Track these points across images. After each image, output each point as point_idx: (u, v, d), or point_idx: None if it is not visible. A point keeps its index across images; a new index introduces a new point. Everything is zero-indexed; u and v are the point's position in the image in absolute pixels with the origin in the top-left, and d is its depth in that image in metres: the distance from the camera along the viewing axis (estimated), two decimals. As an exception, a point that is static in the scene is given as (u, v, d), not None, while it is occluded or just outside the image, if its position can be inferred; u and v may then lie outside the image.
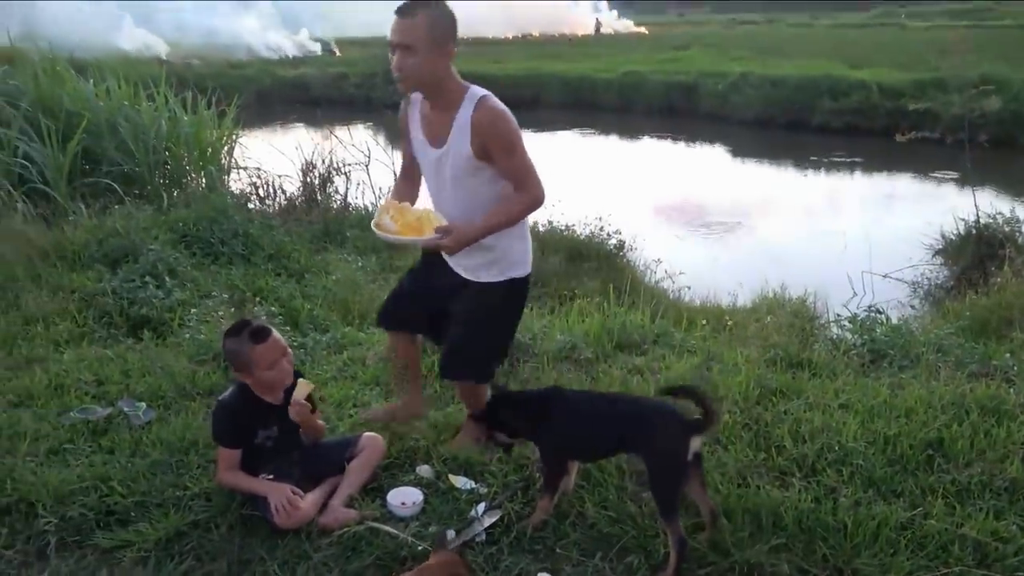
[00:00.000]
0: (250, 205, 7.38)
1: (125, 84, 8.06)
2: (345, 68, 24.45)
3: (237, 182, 8.11)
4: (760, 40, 30.23)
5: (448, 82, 2.59)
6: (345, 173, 7.87)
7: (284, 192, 7.72)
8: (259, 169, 7.91)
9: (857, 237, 7.61)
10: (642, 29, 43.48)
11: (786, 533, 2.47)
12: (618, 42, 33.90)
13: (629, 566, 2.40)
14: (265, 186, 7.73)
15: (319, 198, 7.68)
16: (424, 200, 2.94)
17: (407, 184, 2.93)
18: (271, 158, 7.99)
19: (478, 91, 2.61)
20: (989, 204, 7.54)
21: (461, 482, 2.81)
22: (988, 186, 10.64)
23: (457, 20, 2.56)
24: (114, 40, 23.40)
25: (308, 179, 7.73)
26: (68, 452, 3.02)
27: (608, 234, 7.36)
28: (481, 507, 2.65)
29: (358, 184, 7.94)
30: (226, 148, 8.42)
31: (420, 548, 2.44)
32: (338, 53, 30.75)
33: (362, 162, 7.92)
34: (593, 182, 11.96)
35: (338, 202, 7.76)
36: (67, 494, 2.71)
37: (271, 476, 2.67)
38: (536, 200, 2.65)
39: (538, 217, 7.62)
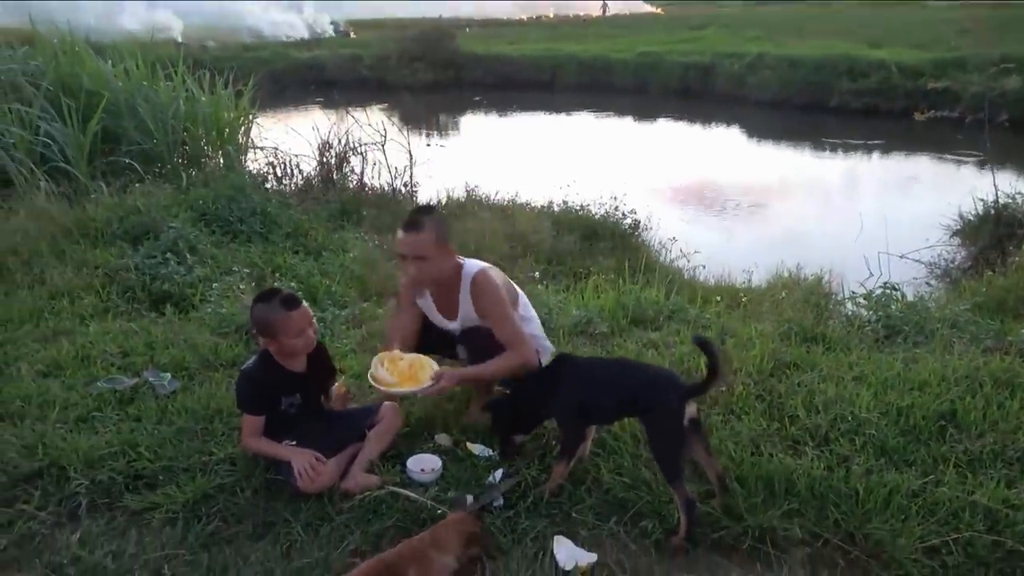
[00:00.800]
0: (268, 185, 7.46)
1: (143, 65, 8.13)
2: (358, 50, 24.43)
3: (254, 162, 8.20)
4: (778, 20, 29.86)
5: (449, 270, 2.93)
6: (361, 153, 7.93)
7: (301, 172, 7.81)
8: (276, 149, 7.98)
9: (874, 218, 7.58)
10: (656, 9, 42.98)
11: (798, 499, 2.51)
12: (633, 23, 33.58)
13: (644, 530, 2.46)
14: (282, 166, 7.81)
15: (335, 177, 7.75)
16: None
17: (407, 318, 3.13)
18: (288, 138, 8.05)
19: (471, 269, 2.93)
20: (1009, 184, 7.48)
21: (479, 449, 2.87)
22: (1008, 166, 10.54)
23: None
24: (121, 22, 23.20)
25: (325, 159, 7.79)
26: (96, 420, 3.11)
27: (623, 214, 7.38)
28: (499, 473, 2.71)
29: (374, 164, 8.01)
30: (243, 128, 8.49)
31: (439, 512, 2.50)
32: (353, 35, 30.68)
33: (378, 142, 7.97)
34: (609, 163, 11.96)
35: (354, 182, 7.82)
36: (97, 459, 2.80)
37: (294, 442, 2.74)
38: (526, 363, 2.86)
39: (554, 197, 7.68)
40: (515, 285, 3.12)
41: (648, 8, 43.26)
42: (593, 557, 2.35)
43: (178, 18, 26.73)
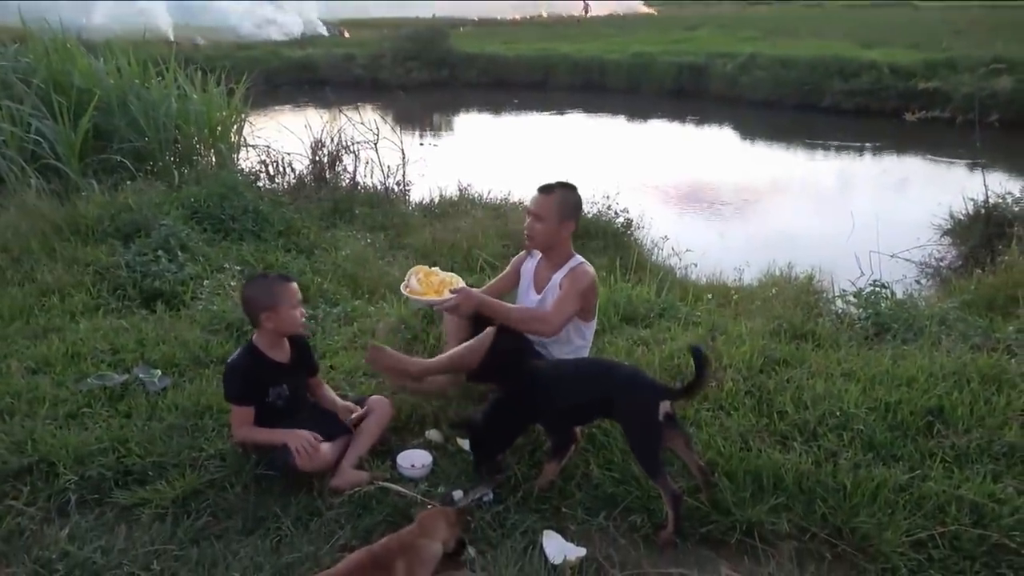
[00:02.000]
0: (260, 183, 7.43)
1: (135, 63, 8.10)
2: (352, 49, 24.36)
3: (247, 160, 8.17)
4: (771, 20, 29.98)
5: (562, 247, 3.17)
6: (354, 152, 7.92)
7: (294, 170, 7.79)
8: (268, 147, 7.96)
9: (866, 218, 7.59)
10: (650, 9, 43.02)
11: (786, 494, 2.53)
12: (626, 23, 33.61)
13: (633, 524, 2.47)
14: (275, 164, 7.79)
15: (328, 176, 7.74)
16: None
17: (504, 277, 3.46)
18: (281, 137, 8.04)
19: (579, 260, 3.18)
20: (999, 184, 7.51)
21: (468, 445, 2.87)
22: (999, 166, 10.60)
23: (581, 200, 3.20)
24: (93, 18, 22.58)
25: (317, 157, 7.78)
26: (86, 416, 3.11)
27: (615, 213, 7.39)
28: (489, 468, 2.72)
29: (367, 163, 7.99)
30: (235, 127, 8.46)
31: (429, 507, 2.50)
32: (347, 35, 30.59)
33: (370, 141, 7.97)
34: (601, 162, 11.97)
35: (347, 180, 7.81)
36: (86, 455, 2.80)
37: (284, 432, 2.74)
38: (547, 325, 3.01)
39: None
40: (596, 311, 3.30)
41: (642, 8, 43.27)
42: (582, 551, 2.36)
43: (167, 15, 26.28)
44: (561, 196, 3.09)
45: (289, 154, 7.84)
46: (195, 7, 28.09)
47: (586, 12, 40.23)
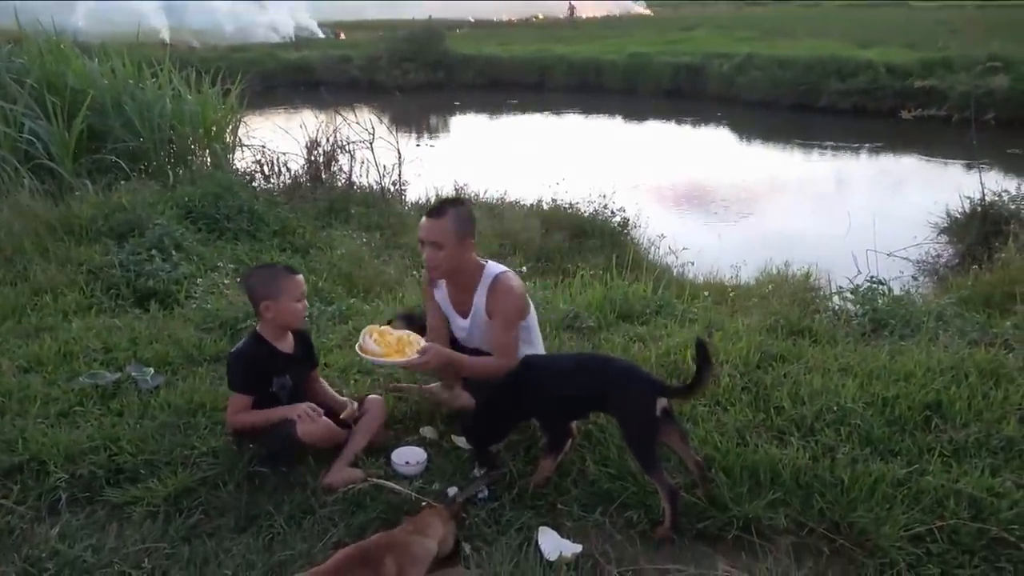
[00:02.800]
0: (255, 183, 7.41)
1: (129, 64, 8.07)
2: (348, 51, 24.37)
3: (242, 160, 8.15)
4: (768, 20, 30.03)
5: (468, 264, 2.94)
6: (350, 152, 7.90)
7: (289, 170, 7.76)
8: (263, 148, 7.94)
9: (863, 217, 7.60)
10: (645, 10, 43.03)
11: (784, 489, 2.50)
12: (623, 24, 33.62)
13: (629, 520, 2.44)
14: (270, 164, 7.76)
15: (324, 176, 7.72)
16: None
17: (434, 335, 3.12)
18: (276, 137, 8.02)
19: (494, 270, 2.95)
20: (995, 182, 7.52)
21: (463, 441, 2.85)
22: (995, 164, 10.61)
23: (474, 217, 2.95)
24: (75, 19, 22.40)
25: (313, 157, 7.76)
26: (78, 414, 3.07)
27: (612, 212, 7.39)
28: (484, 465, 2.69)
29: (362, 162, 7.98)
30: (230, 127, 8.44)
31: (424, 504, 2.48)
32: (342, 36, 30.60)
33: (366, 141, 7.95)
34: (598, 162, 11.97)
35: (343, 180, 7.79)
36: (77, 453, 2.76)
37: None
38: (507, 368, 2.82)
39: (543, 195, 7.68)
40: (529, 299, 3.09)
41: (638, 9, 43.28)
42: (578, 548, 2.33)
43: (162, 17, 26.14)
44: (454, 215, 2.84)
45: (285, 154, 7.82)
46: (180, 7, 27.93)
47: (571, 12, 40.02)
